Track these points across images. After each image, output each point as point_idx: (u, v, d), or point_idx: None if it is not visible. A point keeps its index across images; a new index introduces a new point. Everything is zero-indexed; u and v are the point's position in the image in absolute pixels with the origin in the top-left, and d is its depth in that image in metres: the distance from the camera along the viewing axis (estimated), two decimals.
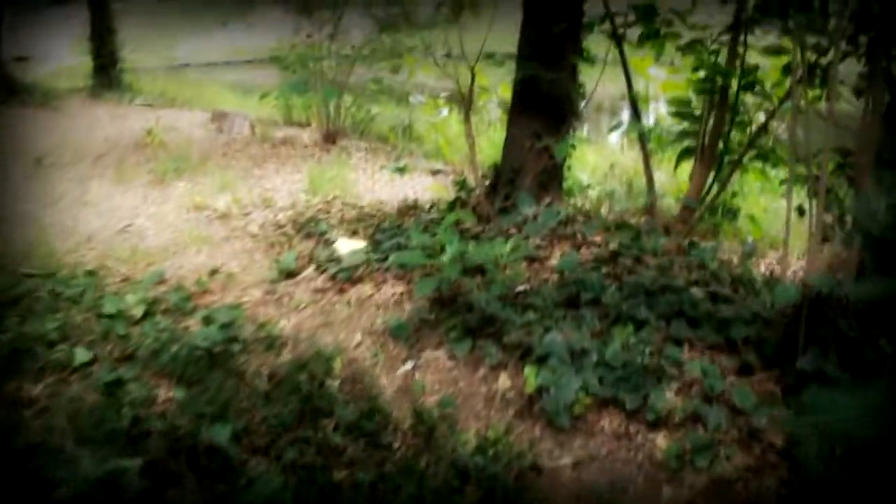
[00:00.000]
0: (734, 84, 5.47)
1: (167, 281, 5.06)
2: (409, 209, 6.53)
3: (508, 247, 4.55)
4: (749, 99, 5.66)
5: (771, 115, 5.24)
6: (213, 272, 5.06)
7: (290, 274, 5.13)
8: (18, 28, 15.76)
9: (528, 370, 3.70)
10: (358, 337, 4.34)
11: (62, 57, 19.27)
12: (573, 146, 5.25)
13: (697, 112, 6.26)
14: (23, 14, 19.57)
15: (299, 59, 9.48)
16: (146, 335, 4.09)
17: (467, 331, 4.19)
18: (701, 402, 3.52)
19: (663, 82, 6.82)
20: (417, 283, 4.19)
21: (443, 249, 4.58)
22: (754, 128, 5.69)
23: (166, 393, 3.61)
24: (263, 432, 3.26)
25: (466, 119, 5.84)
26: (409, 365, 4.04)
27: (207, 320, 4.31)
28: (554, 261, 5.26)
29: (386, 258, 5.19)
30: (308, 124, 10.92)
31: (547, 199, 6.02)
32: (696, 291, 4.60)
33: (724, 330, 4.04)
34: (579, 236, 5.68)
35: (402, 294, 4.81)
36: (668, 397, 3.52)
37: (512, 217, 5.74)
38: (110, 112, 11.34)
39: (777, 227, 6.37)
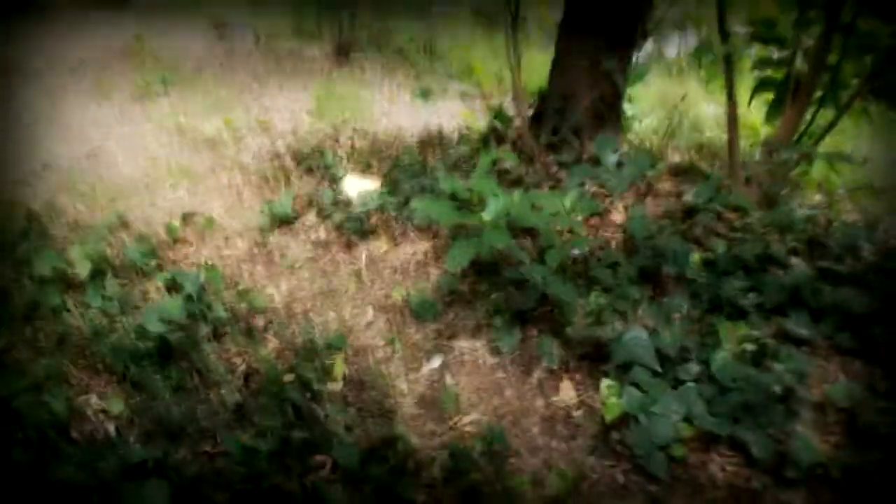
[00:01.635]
0: None
1: (129, 226, 3.90)
2: (434, 141, 5.27)
3: (567, 201, 3.31)
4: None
5: None
6: (189, 216, 3.84)
7: (285, 220, 3.94)
8: None
9: (607, 386, 2.54)
10: (369, 314, 3.19)
11: None
12: (641, 72, 3.92)
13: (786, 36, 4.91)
14: None
15: None
16: (84, 310, 2.93)
17: (515, 316, 3.02)
18: (858, 449, 2.35)
19: None
20: (450, 251, 3.00)
21: (480, 201, 3.37)
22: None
23: (98, 403, 2.45)
24: (223, 480, 2.11)
25: (513, 29, 4.52)
26: (436, 361, 2.89)
27: (171, 285, 3.13)
28: (617, 214, 4.03)
29: (406, 203, 3.99)
30: (319, 36, 9.52)
31: (603, 134, 4.75)
32: (799, 264, 3.40)
33: (853, 326, 2.87)
34: (643, 183, 4.43)
35: (426, 254, 3.63)
36: (812, 439, 2.36)
37: (562, 156, 4.49)
38: (102, 15, 9.94)
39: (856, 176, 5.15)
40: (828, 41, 4.29)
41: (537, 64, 5.48)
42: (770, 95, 5.06)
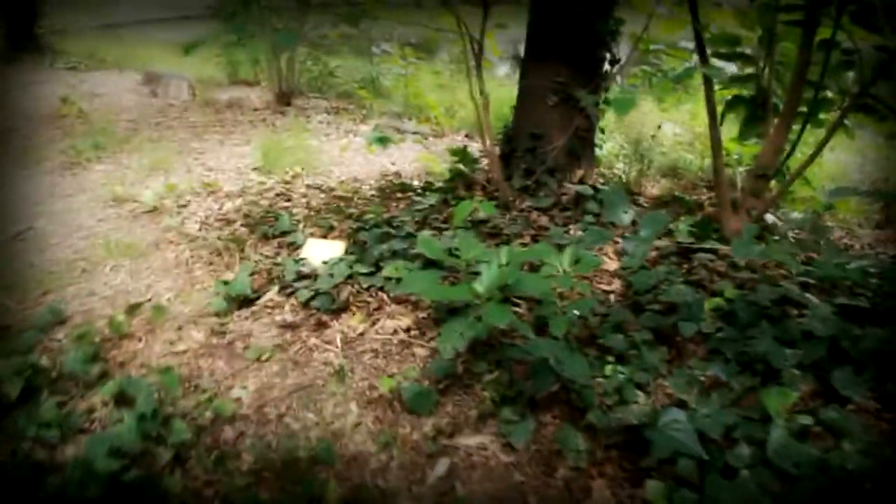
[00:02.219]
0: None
1: (68, 320, 3.35)
2: (395, 190, 4.85)
3: (566, 259, 2.90)
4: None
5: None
6: (135, 307, 3.32)
7: (244, 301, 3.45)
8: None
9: (653, 490, 2.10)
10: (354, 413, 2.72)
11: None
12: (630, 99, 3.54)
13: (747, 51, 4.66)
14: None
15: (242, 6, 7.56)
16: (16, 444, 2.42)
17: (523, 401, 2.58)
18: None
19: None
20: (442, 333, 2.57)
21: (467, 265, 2.95)
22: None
23: None
24: None
25: (477, 66, 4.14)
26: (441, 467, 2.45)
27: (120, 398, 2.62)
28: (609, 261, 3.64)
29: (377, 270, 3.54)
30: (257, 83, 9.04)
31: (579, 173, 4.38)
32: (818, 304, 3.07)
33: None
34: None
35: (408, 331, 3.19)
36: None
37: (540, 200, 4.10)
38: (24, 78, 9.30)
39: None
40: (807, 57, 3.99)
41: (493, 96, 5.10)
42: (740, 113, 4.75)
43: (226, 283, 3.52)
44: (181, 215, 4.64)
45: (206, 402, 2.77)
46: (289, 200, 4.85)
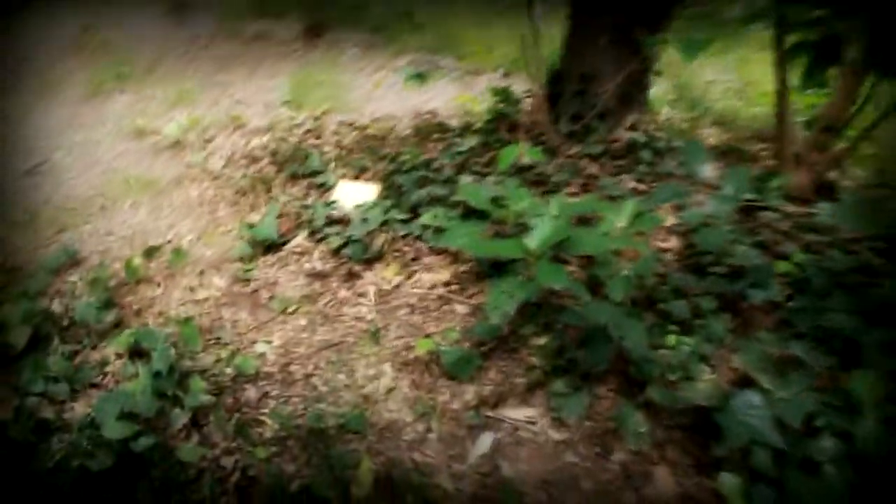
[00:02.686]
0: None
1: (81, 262, 3.11)
2: (432, 130, 4.51)
3: (625, 215, 2.58)
4: None
5: None
6: (153, 250, 3.06)
7: (270, 246, 3.17)
8: None
9: (728, 485, 1.82)
10: (388, 375, 2.45)
11: None
12: (702, 41, 3.14)
13: None
14: None
15: None
16: (21, 399, 2.19)
17: (578, 373, 2.29)
18: None
19: None
20: (490, 295, 2.27)
21: (515, 217, 2.65)
22: None
23: None
24: None
25: None
26: (485, 442, 2.19)
27: (135, 350, 2.38)
28: (667, 215, 3.31)
29: (414, 216, 3.24)
30: (286, 15, 8.61)
31: (630, 118, 4.02)
32: None
33: None
34: (682, 174, 3.72)
35: (447, 285, 2.90)
36: None
37: (590, 147, 3.75)
38: (44, 9, 8.93)
39: None
40: None
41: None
42: (805, 60, 4.31)
43: (251, 226, 3.25)
44: (205, 151, 4.35)
45: (227, 358, 2.53)
46: (319, 138, 4.54)
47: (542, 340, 2.52)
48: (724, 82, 6.20)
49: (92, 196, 3.81)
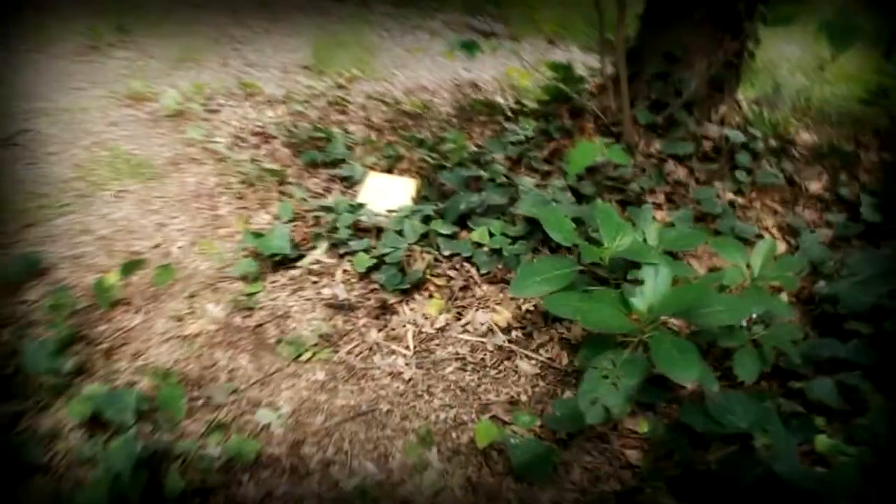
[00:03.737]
0: None
1: (47, 273, 2.40)
2: (478, 110, 3.74)
3: (759, 258, 1.83)
4: None
5: None
6: (134, 265, 2.33)
7: (280, 262, 2.43)
8: None
9: None
10: (433, 466, 1.81)
11: None
12: (857, 27, 2.34)
13: None
14: None
15: None
16: None
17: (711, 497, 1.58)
18: None
19: None
20: (584, 382, 1.52)
21: (608, 258, 1.92)
22: None
23: None
24: None
25: None
26: None
27: (95, 420, 1.68)
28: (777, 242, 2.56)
29: (463, 227, 2.51)
30: None
31: (722, 110, 3.24)
32: None
33: None
34: (794, 182, 2.98)
35: (509, 331, 2.17)
36: None
37: (675, 144, 2.98)
38: None
39: None
40: None
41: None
42: None
43: (258, 235, 2.51)
44: (210, 124, 3.61)
45: (219, 434, 1.80)
46: (343, 113, 3.78)
47: (643, 427, 1.80)
48: (793, 59, 5.38)
49: (71, 179, 3.09)
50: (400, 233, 2.54)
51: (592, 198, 2.70)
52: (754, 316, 1.96)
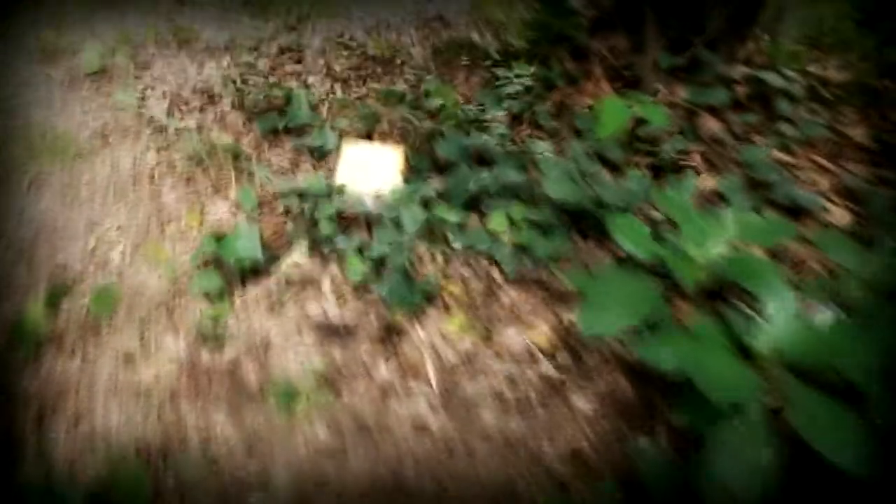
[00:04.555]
0: None
1: None
2: (457, 52, 3.16)
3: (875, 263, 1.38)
4: None
5: None
6: (59, 292, 1.75)
7: (252, 270, 1.87)
8: None
9: None
10: None
11: None
12: None
13: None
14: None
15: None
16: None
17: None
18: None
19: None
20: (708, 453, 1.06)
21: (691, 261, 1.43)
22: None
23: None
24: None
25: None
26: None
27: None
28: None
29: (472, 207, 1.98)
30: None
31: (749, 47, 2.74)
32: None
33: None
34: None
35: (552, 353, 1.67)
36: None
37: (705, 91, 2.47)
38: None
39: None
40: None
41: None
42: None
43: (218, 238, 1.94)
44: (141, 83, 2.96)
45: None
46: (299, 62, 3.16)
47: None
48: None
49: None
50: (397, 224, 2.00)
51: (622, 166, 2.20)
52: None
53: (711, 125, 2.42)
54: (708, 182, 2.22)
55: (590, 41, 2.77)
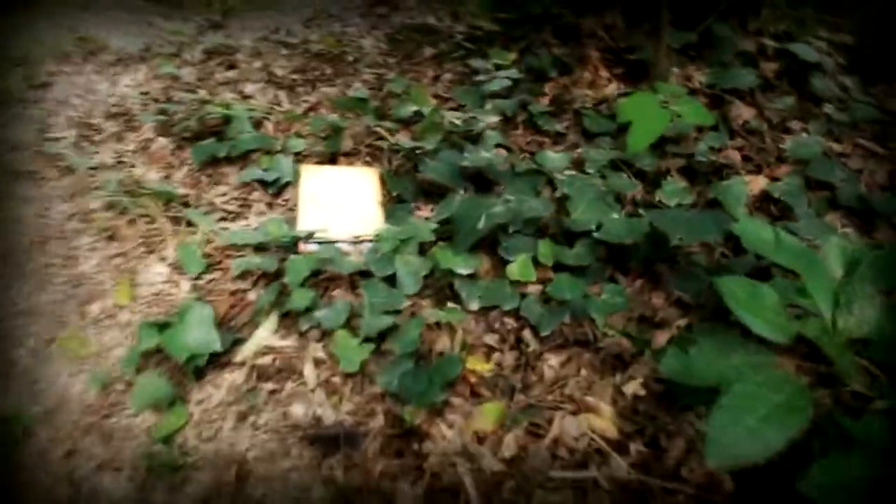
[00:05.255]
0: None
1: None
2: (416, 40, 2.67)
3: None
4: None
5: None
6: None
7: (213, 360, 1.36)
8: None
9: None
10: None
11: None
12: None
13: None
14: None
15: None
16: None
17: None
18: None
19: None
20: None
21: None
22: None
23: None
24: None
25: None
26: None
27: None
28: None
29: (477, 245, 1.52)
30: None
31: (755, 20, 2.34)
32: None
33: None
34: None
35: (622, 446, 1.22)
36: None
37: (726, 74, 2.04)
38: None
39: None
40: None
41: None
42: None
43: (161, 327, 1.43)
44: (40, 110, 2.37)
45: None
46: (232, 67, 2.61)
47: None
48: None
49: None
50: (390, 281, 1.52)
51: (656, 175, 1.76)
52: None
53: (743, 113, 2.00)
54: (755, 184, 1.80)
55: (580, 19, 2.31)
